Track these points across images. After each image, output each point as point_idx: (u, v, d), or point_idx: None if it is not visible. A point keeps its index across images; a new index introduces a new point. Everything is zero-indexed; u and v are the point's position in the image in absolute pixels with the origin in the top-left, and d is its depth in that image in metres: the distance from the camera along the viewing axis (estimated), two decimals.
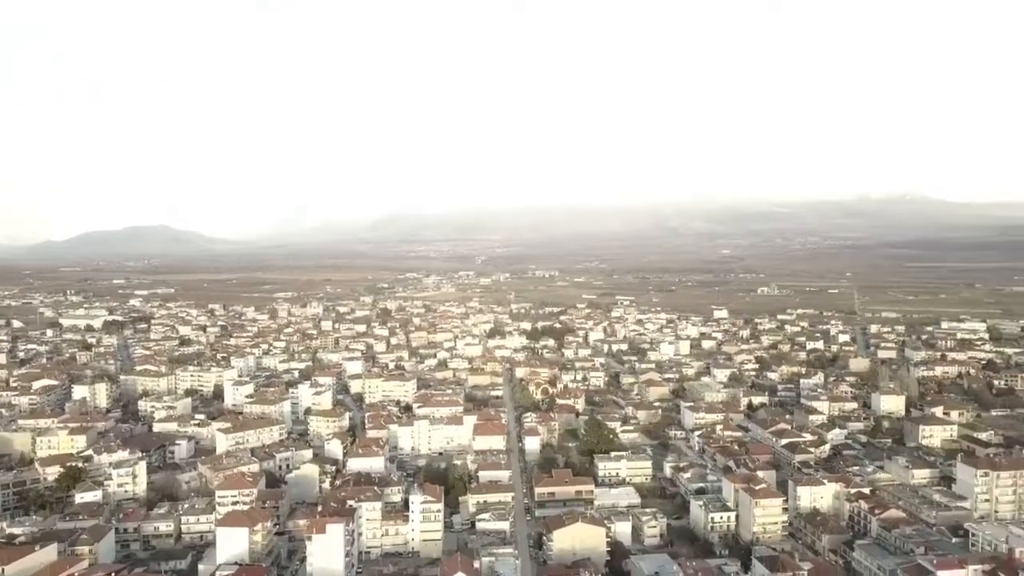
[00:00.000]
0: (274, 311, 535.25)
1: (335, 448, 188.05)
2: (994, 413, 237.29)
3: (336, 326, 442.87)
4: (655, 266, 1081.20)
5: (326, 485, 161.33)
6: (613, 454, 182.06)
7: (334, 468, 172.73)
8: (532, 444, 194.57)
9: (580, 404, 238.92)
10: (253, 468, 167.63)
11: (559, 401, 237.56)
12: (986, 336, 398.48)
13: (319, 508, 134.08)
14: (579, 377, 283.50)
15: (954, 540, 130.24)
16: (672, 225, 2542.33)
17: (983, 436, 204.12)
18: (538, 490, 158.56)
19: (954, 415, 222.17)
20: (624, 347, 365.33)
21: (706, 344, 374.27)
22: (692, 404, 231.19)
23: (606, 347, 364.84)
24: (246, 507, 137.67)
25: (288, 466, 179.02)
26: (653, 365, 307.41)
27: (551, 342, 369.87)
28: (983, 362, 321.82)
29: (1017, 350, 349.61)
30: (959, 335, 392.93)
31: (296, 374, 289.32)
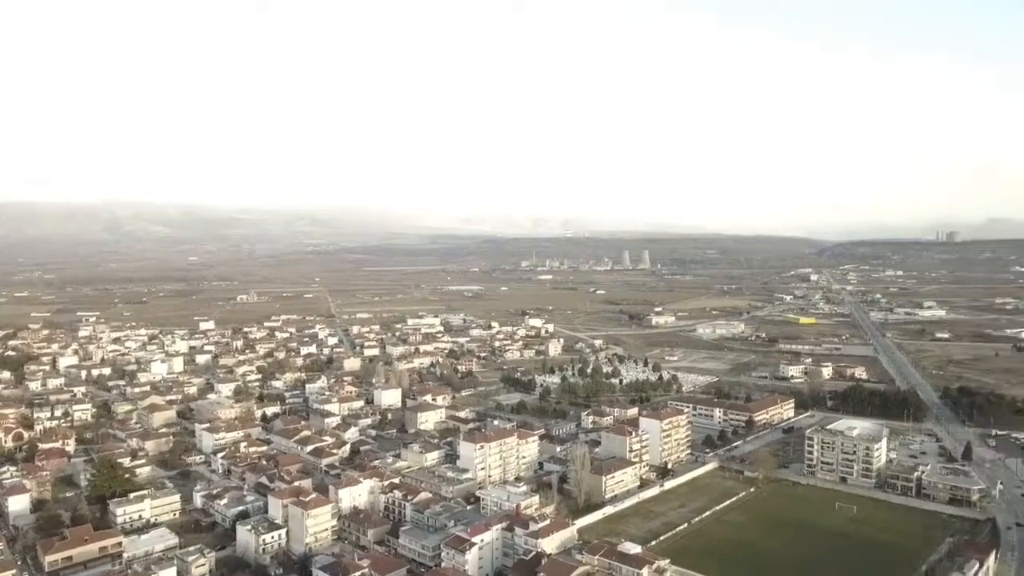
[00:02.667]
0: None
1: None
2: (464, 393, 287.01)
3: None
4: (117, 275, 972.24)
5: None
6: (131, 495, 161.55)
7: None
8: (18, 504, 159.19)
9: (71, 445, 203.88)
10: None
11: (42, 446, 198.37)
12: (442, 328, 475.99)
13: None
14: (59, 413, 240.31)
15: (469, 507, 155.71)
16: (128, 229, 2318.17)
17: (462, 415, 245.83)
18: (49, 559, 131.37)
19: (440, 400, 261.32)
20: (107, 371, 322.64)
21: (200, 359, 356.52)
22: (208, 425, 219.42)
23: (84, 373, 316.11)
24: None
25: None
26: (148, 387, 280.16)
27: (6, 374, 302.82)
28: (446, 351, 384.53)
29: (466, 339, 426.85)
30: (423, 329, 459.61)
31: None
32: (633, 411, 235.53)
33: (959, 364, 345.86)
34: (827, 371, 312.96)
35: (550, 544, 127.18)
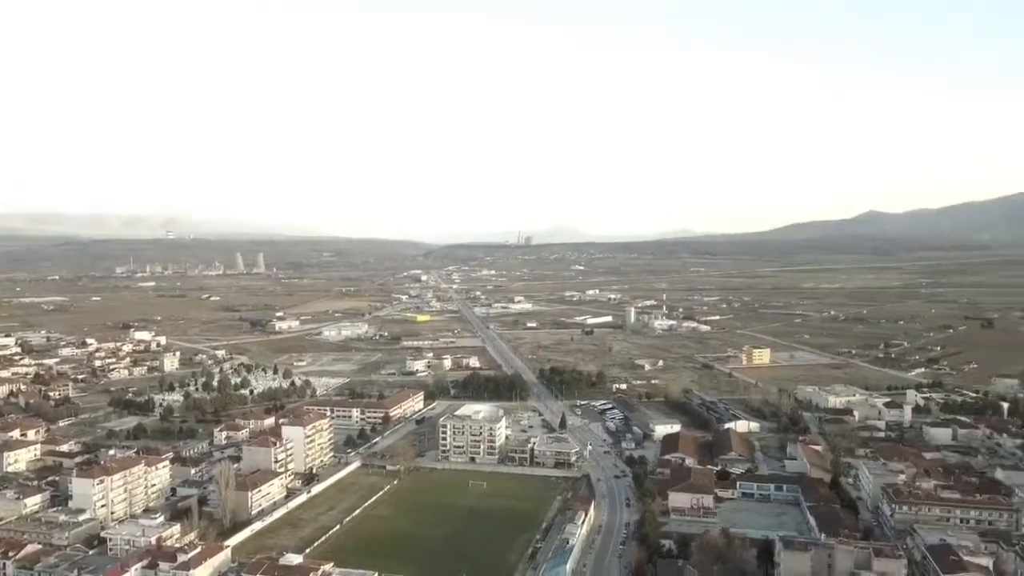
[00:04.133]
0: None
1: None
2: (63, 424, 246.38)
3: None
4: None
5: None
6: None
7: None
8: None
9: None
10: None
11: None
12: (19, 350, 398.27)
13: None
14: None
15: (93, 552, 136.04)
16: None
17: (65, 448, 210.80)
18: None
19: (31, 434, 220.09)
20: None
21: None
22: None
23: None
24: None
25: None
26: None
27: None
28: (28, 376, 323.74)
29: (55, 360, 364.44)
30: None
31: None
32: (270, 421, 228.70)
33: (547, 348, 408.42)
34: (447, 363, 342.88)
35: (204, 573, 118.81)
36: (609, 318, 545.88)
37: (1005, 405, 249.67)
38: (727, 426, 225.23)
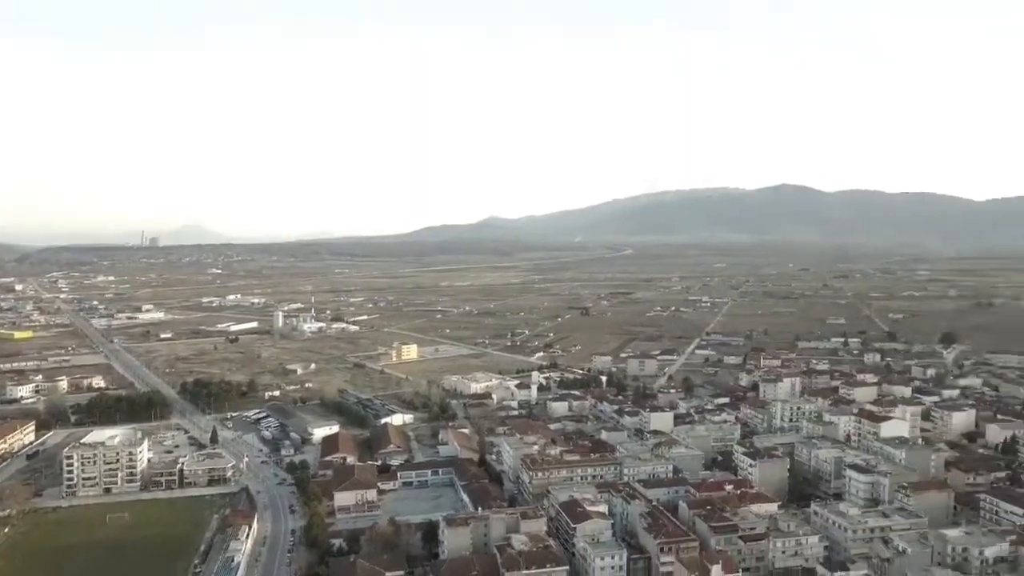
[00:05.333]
0: None
1: None
2: None
3: None
4: None
5: None
6: None
7: None
8: None
9: None
10: None
11: None
12: None
13: None
14: None
15: None
16: None
17: None
18: None
19: None
20: None
21: None
22: None
23: None
24: None
25: None
26: None
27: None
28: None
29: None
30: None
31: None
32: None
33: (187, 360, 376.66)
34: (64, 384, 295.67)
35: None
36: (255, 323, 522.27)
37: (604, 378, 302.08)
38: (384, 421, 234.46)
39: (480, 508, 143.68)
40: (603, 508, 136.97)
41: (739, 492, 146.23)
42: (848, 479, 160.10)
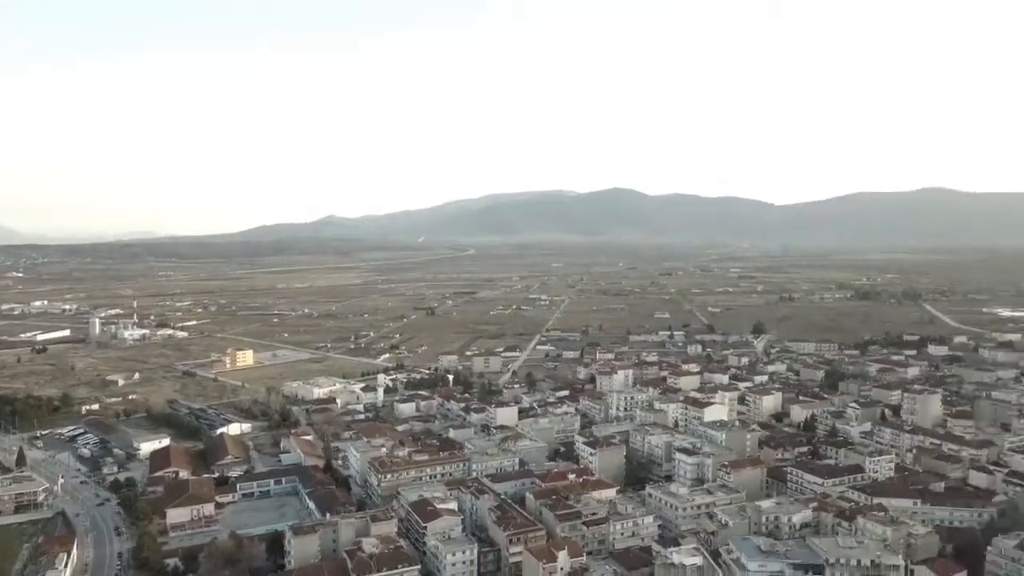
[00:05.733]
0: None
1: None
2: None
3: None
4: None
5: None
6: None
7: None
8: None
9: None
10: None
11: None
12: None
13: None
14: None
15: None
16: None
17: None
18: None
19: None
20: None
21: None
22: None
23: None
24: None
25: None
26: None
27: None
28: None
29: None
30: None
31: None
32: None
33: None
34: None
35: None
36: (67, 332, 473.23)
37: (451, 376, 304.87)
38: (220, 431, 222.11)
39: (328, 514, 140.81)
40: (453, 505, 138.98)
41: (581, 480, 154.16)
42: (677, 462, 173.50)
